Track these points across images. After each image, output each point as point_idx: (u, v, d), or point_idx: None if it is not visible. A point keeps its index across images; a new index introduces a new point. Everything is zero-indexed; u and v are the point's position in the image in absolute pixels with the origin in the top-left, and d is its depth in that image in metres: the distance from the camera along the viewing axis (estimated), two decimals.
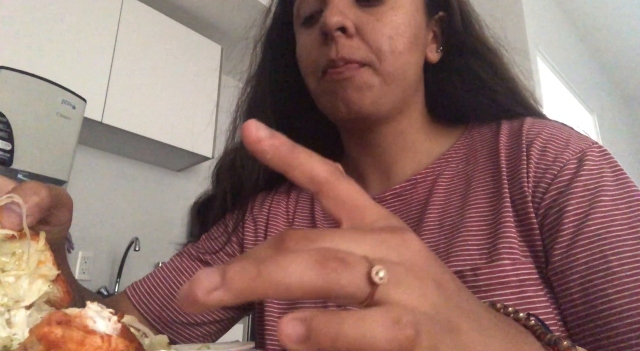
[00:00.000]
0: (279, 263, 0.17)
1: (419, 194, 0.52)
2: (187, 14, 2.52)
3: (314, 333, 0.17)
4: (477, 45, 0.54)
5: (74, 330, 0.19)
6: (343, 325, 0.17)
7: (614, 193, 0.42)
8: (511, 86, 0.54)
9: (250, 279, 0.17)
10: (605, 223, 0.40)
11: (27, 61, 1.71)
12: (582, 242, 0.40)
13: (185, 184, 2.64)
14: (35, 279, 0.26)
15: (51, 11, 1.86)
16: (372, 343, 0.17)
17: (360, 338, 0.17)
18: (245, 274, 0.17)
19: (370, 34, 0.48)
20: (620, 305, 0.37)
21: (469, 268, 0.43)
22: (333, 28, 0.46)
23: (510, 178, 0.47)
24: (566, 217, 0.41)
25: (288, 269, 0.17)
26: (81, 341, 0.19)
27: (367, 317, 0.17)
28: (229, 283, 0.17)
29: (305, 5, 0.52)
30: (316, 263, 0.18)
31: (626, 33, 3.76)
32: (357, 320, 0.17)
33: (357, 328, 0.17)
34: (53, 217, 0.39)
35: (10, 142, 1.17)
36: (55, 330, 0.19)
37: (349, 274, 0.18)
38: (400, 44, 0.48)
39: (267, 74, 0.60)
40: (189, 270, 0.60)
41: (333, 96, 0.49)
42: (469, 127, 0.56)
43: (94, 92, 1.92)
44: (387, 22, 0.48)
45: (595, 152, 0.45)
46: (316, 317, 0.17)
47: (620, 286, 0.37)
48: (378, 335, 0.17)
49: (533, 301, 0.41)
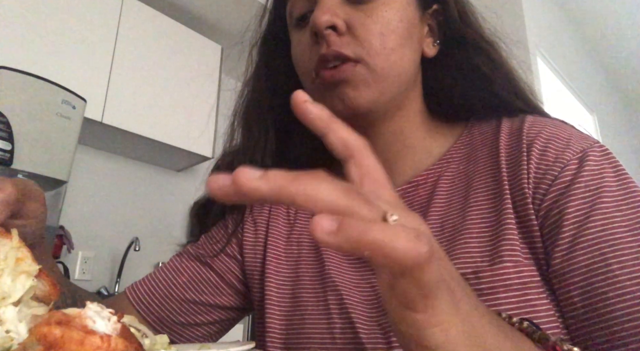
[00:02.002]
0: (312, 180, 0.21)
1: (420, 197, 0.51)
2: (187, 14, 2.52)
3: (344, 227, 0.19)
4: (474, 37, 0.53)
5: (73, 330, 0.19)
6: (371, 227, 0.19)
7: (615, 194, 0.41)
8: (510, 77, 0.53)
9: (288, 181, 0.20)
10: (606, 225, 0.40)
11: (27, 61, 1.71)
12: (583, 245, 0.40)
13: (185, 184, 2.64)
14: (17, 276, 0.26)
15: (51, 11, 1.86)
16: (392, 247, 0.19)
17: (383, 241, 0.19)
18: (283, 177, 0.21)
19: (361, 31, 0.47)
20: (621, 309, 0.36)
21: (471, 271, 0.43)
22: (323, 27, 0.46)
23: (510, 178, 0.46)
24: (567, 219, 0.41)
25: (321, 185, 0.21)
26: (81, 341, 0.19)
27: (392, 227, 0.20)
28: (269, 177, 0.20)
29: (297, 6, 0.52)
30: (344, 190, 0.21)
31: (626, 33, 3.75)
32: (383, 227, 0.20)
33: (382, 233, 0.19)
34: (25, 210, 0.40)
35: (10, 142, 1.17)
36: (55, 330, 0.19)
37: (369, 208, 0.21)
38: (392, 40, 0.47)
39: (263, 77, 0.60)
40: (188, 270, 0.60)
41: (329, 95, 0.48)
42: (469, 125, 0.55)
43: (94, 92, 1.92)
44: (377, 18, 0.47)
45: (596, 152, 0.44)
46: (348, 218, 0.19)
47: (620, 290, 0.37)
48: (400, 243, 0.19)
49: (535, 304, 0.40)
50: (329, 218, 0.19)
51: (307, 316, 0.51)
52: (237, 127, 0.61)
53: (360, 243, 0.19)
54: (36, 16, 1.81)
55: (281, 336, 0.52)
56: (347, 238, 0.19)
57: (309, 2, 0.50)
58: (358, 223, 0.19)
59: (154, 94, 2.18)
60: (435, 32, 0.54)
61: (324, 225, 0.19)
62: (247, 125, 0.60)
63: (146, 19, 2.23)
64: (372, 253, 0.19)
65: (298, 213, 0.60)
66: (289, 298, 0.53)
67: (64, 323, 0.19)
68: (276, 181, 0.21)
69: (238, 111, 0.62)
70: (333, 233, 0.19)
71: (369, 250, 0.19)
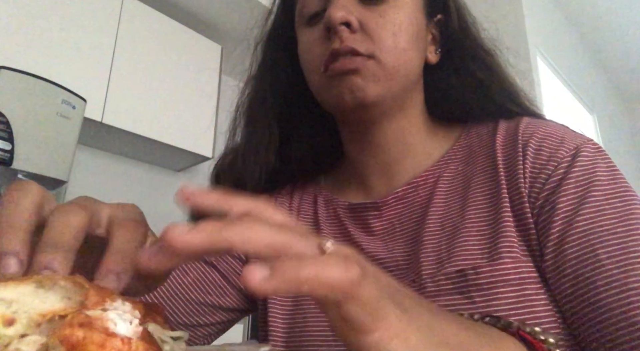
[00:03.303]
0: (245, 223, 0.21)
1: (420, 197, 0.52)
2: (187, 14, 2.52)
3: (277, 269, 0.19)
4: (472, 46, 0.55)
5: (95, 332, 0.19)
6: (302, 264, 0.20)
7: (606, 188, 0.43)
8: (506, 85, 0.55)
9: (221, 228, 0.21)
10: (595, 217, 0.41)
11: (27, 61, 1.71)
12: (573, 237, 0.41)
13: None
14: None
15: (51, 11, 1.86)
16: (326, 277, 0.20)
17: (316, 275, 0.20)
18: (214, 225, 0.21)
19: (374, 30, 0.48)
20: (609, 297, 0.38)
21: (471, 267, 0.44)
22: (337, 22, 0.47)
23: (507, 177, 0.48)
24: (558, 213, 0.42)
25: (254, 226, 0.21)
26: (102, 343, 0.19)
27: (322, 258, 0.21)
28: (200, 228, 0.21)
29: (309, 4, 0.53)
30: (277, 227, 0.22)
31: (626, 33, 3.75)
32: (314, 261, 0.20)
33: (314, 266, 0.20)
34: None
35: (10, 142, 1.17)
36: (77, 332, 0.19)
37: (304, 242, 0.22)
38: (403, 41, 0.49)
39: (267, 75, 0.61)
40: (194, 271, 0.59)
41: (337, 85, 0.49)
42: (467, 128, 0.57)
43: (94, 92, 1.92)
44: (390, 19, 0.49)
45: (589, 148, 0.46)
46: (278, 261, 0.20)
47: (608, 278, 0.38)
48: (332, 271, 0.20)
49: (533, 299, 0.41)
50: (259, 266, 0.19)
51: (309, 316, 0.51)
52: (239, 125, 0.62)
53: (296, 281, 0.19)
54: (36, 16, 1.81)
55: (283, 336, 0.52)
56: (282, 279, 0.19)
57: (322, 1, 0.51)
58: (289, 263, 0.20)
59: (154, 94, 2.18)
60: (437, 41, 0.57)
61: (256, 274, 0.19)
62: (251, 122, 0.60)
63: (146, 19, 2.23)
64: (310, 287, 0.20)
65: (300, 213, 0.60)
66: (291, 298, 0.54)
67: (86, 325, 0.19)
68: (209, 230, 0.21)
69: (240, 107, 0.62)
70: (267, 279, 0.19)
71: (306, 285, 0.20)
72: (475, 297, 0.43)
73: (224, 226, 0.21)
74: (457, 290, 0.44)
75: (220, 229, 0.21)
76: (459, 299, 0.43)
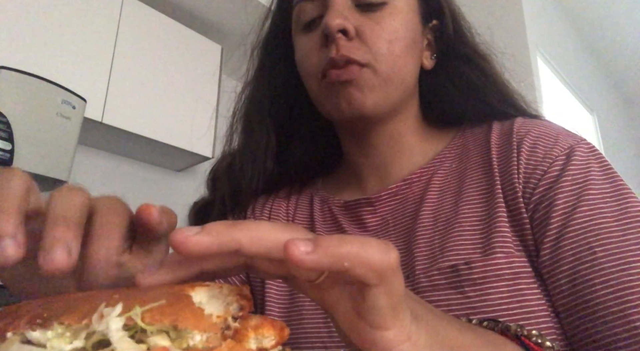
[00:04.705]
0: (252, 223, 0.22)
1: (414, 193, 0.53)
2: (187, 14, 2.51)
3: (319, 244, 0.19)
4: (468, 51, 0.56)
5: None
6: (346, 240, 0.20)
7: (601, 187, 0.43)
8: (502, 89, 0.56)
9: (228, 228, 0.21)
10: (592, 215, 0.41)
11: (27, 61, 1.71)
12: (570, 234, 0.41)
13: (185, 184, 2.63)
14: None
15: (51, 11, 1.86)
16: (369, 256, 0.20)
17: (358, 252, 0.20)
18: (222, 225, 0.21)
19: (370, 37, 0.49)
20: (606, 295, 0.38)
21: (463, 262, 0.44)
22: (335, 29, 0.47)
23: (502, 175, 0.48)
24: (555, 211, 0.43)
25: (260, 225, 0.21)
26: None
27: (365, 239, 0.21)
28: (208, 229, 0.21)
29: (306, 11, 0.53)
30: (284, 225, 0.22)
31: (626, 33, 3.75)
32: (357, 239, 0.21)
33: (356, 244, 0.20)
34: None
35: (10, 142, 1.17)
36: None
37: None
38: (399, 48, 0.50)
39: (264, 80, 0.61)
40: None
41: (335, 95, 0.50)
42: (462, 129, 0.58)
43: (94, 92, 1.92)
44: (386, 26, 0.50)
45: (583, 147, 0.46)
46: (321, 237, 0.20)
47: (605, 276, 0.39)
48: (374, 251, 0.20)
49: (526, 294, 0.42)
50: (301, 240, 0.20)
51: (304, 313, 0.52)
52: (236, 129, 0.62)
53: (339, 255, 0.20)
54: (36, 16, 1.81)
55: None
56: (324, 253, 0.19)
57: (319, 8, 0.52)
58: (333, 238, 0.20)
59: (154, 94, 2.18)
60: (433, 46, 0.57)
61: (300, 247, 0.19)
62: (248, 126, 0.61)
63: (146, 19, 2.23)
64: (351, 263, 0.20)
65: (296, 215, 0.60)
66: (287, 296, 0.54)
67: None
68: (217, 231, 0.21)
69: (238, 112, 0.63)
70: (309, 253, 0.19)
71: (347, 261, 0.20)
72: (468, 292, 0.43)
73: (231, 226, 0.21)
74: (450, 285, 0.44)
75: (228, 229, 0.21)
76: (452, 294, 0.44)
